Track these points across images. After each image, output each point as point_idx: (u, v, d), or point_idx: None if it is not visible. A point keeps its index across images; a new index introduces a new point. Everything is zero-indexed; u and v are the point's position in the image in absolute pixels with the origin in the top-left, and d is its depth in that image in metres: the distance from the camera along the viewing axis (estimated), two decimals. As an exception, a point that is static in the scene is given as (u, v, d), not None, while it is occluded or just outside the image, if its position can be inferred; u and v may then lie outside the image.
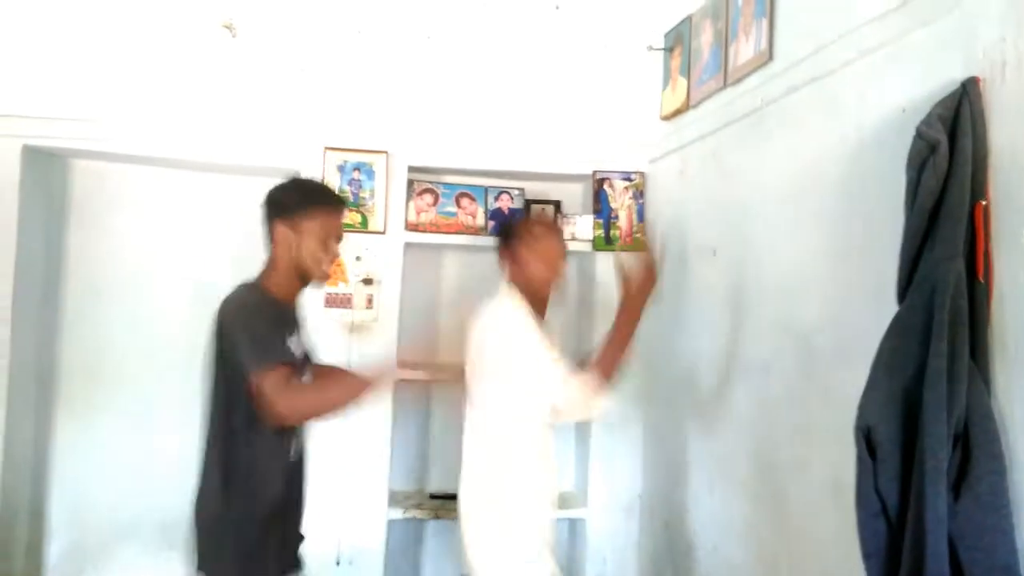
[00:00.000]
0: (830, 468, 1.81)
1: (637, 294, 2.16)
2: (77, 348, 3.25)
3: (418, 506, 3.15)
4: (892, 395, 1.38)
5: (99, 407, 3.23)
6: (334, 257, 2.02)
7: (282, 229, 1.95)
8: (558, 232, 2.49)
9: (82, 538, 3.23)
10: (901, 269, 1.45)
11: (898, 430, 1.37)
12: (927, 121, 1.44)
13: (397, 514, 3.09)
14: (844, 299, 1.81)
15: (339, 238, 2.04)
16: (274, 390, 1.76)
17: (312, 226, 1.95)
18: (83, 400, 3.23)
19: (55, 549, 3.23)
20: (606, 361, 2.16)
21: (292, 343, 1.95)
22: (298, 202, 1.97)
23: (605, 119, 3.19)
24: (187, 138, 3.04)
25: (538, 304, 2.30)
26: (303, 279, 1.99)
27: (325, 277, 2.03)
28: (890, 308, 1.46)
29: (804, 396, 1.95)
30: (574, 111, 3.20)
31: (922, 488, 1.31)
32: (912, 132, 1.45)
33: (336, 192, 2.13)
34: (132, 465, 3.22)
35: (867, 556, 1.46)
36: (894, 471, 1.38)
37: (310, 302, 2.94)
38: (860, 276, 1.75)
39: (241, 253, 2.90)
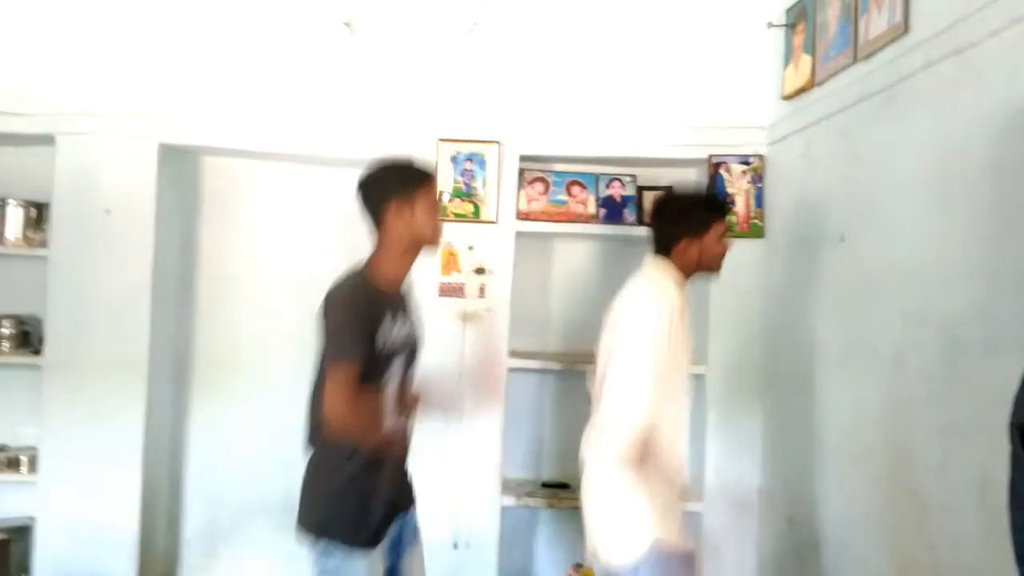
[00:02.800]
0: (975, 466, 1.69)
1: None
2: (210, 335, 3.43)
3: (531, 494, 3.17)
4: (1053, 390, 1.27)
5: (230, 391, 3.41)
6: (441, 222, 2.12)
7: (396, 206, 2.01)
8: None
9: (216, 515, 3.43)
10: (1063, 254, 1.34)
11: (1060, 428, 1.26)
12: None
13: (511, 501, 3.11)
14: (992, 288, 1.68)
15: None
16: (334, 389, 1.85)
17: (423, 198, 2.03)
18: (216, 384, 3.42)
19: (192, 524, 3.44)
20: None
21: (393, 326, 2.00)
22: (407, 180, 2.05)
23: (721, 101, 3.10)
24: (308, 133, 3.15)
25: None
26: (416, 251, 2.06)
27: (439, 242, 2.12)
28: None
29: (946, 390, 1.83)
30: (688, 93, 3.12)
31: (1088, 492, 1.20)
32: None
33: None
34: (260, 446, 3.39)
35: (1022, 560, 1.36)
36: (1055, 472, 1.28)
37: (425, 292, 3.02)
38: (1011, 263, 1.62)
39: (357, 242, 3.02)
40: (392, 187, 2.03)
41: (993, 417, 1.41)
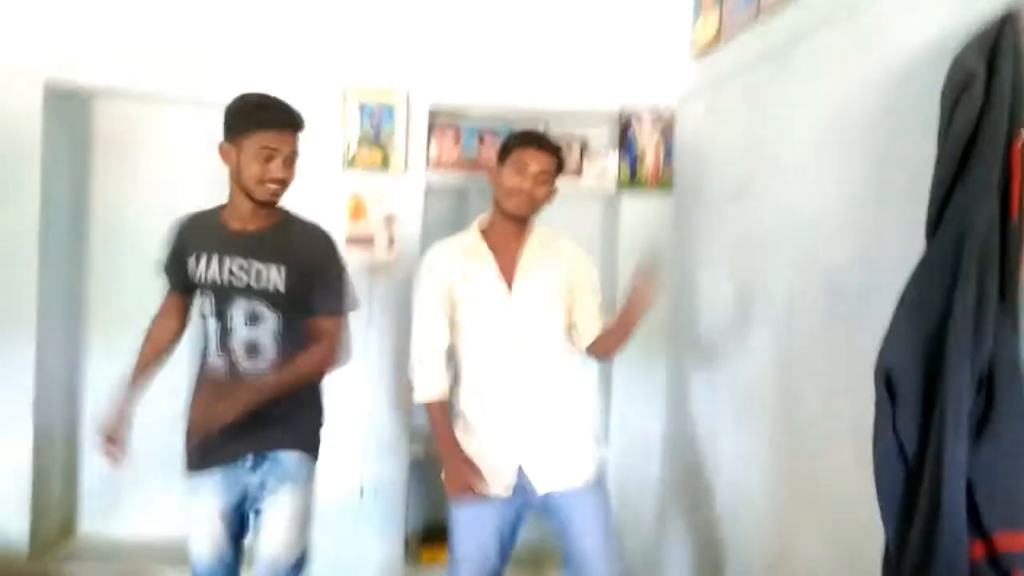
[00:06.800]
0: (852, 409, 1.78)
1: (634, 308, 2.16)
2: (106, 285, 3.30)
3: (440, 443, 3.19)
4: (915, 339, 1.35)
5: (128, 339, 3.28)
6: (274, 178, 2.00)
7: (224, 148, 2.02)
8: None
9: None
10: (931, 208, 1.40)
11: (919, 373, 1.34)
12: (964, 51, 1.37)
13: (418, 449, 3.13)
14: (874, 239, 1.76)
15: (278, 157, 2.00)
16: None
17: (250, 145, 1.97)
18: (113, 334, 3.27)
19: (90, 474, 3.34)
20: (607, 343, 2.29)
21: (201, 264, 2.09)
22: (236, 121, 2.01)
23: (633, 54, 3.10)
24: (207, 77, 3.01)
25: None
26: (250, 200, 2.03)
27: (268, 198, 2.04)
28: (922, 249, 1.42)
29: (829, 337, 1.92)
30: (601, 46, 3.10)
31: (942, 434, 1.28)
32: (948, 67, 1.38)
33: (280, 109, 2.04)
34: (161, 394, 3.29)
35: (883, 498, 1.45)
36: (913, 414, 1.36)
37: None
38: (893, 216, 1.69)
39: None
40: (224, 127, 2.07)
41: (868, 363, 1.49)
